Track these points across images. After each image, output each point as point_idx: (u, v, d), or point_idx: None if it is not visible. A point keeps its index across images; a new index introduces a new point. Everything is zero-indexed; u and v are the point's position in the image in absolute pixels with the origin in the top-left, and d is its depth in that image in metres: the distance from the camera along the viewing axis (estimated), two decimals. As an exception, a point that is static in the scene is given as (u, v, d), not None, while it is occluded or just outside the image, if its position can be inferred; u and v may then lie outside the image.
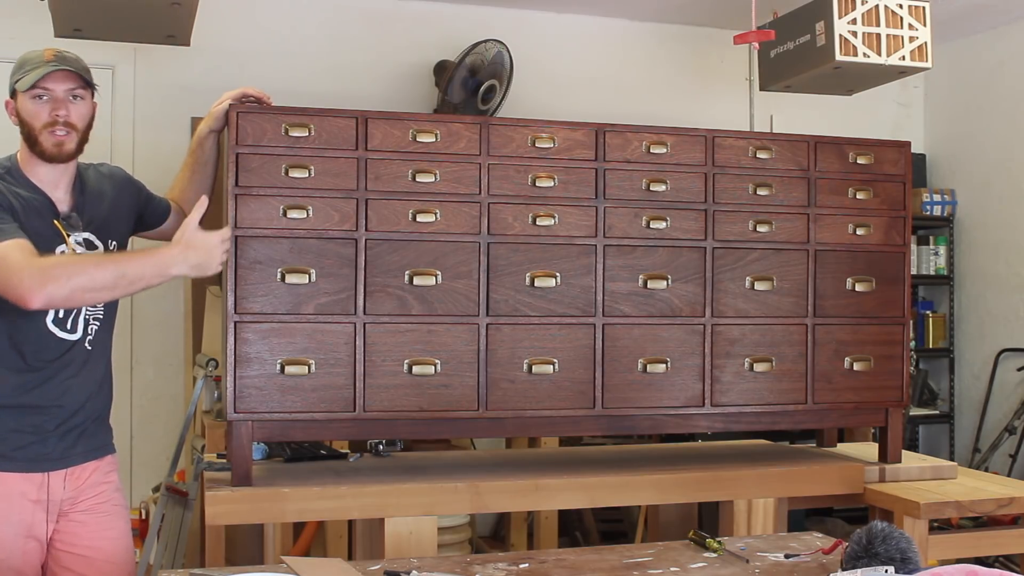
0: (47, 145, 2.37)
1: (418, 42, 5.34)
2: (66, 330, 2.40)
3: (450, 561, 2.19)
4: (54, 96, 2.37)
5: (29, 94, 2.37)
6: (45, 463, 2.40)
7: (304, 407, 2.85)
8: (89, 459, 2.50)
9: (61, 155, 2.39)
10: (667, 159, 3.16)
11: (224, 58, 5.01)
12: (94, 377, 2.50)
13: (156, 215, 2.74)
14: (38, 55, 2.40)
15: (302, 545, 4.27)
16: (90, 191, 2.52)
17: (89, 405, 2.49)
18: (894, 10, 4.11)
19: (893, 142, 3.42)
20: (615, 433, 3.33)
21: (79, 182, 2.51)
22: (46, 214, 2.40)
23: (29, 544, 2.39)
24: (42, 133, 2.37)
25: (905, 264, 3.38)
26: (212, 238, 2.42)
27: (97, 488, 2.51)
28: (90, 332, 2.46)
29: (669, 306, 3.15)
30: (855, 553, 1.96)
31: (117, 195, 2.60)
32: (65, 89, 2.38)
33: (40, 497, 2.40)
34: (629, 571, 2.08)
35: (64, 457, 2.44)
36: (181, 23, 3.41)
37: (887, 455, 3.38)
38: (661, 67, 5.78)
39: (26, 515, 2.38)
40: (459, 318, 2.97)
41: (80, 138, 2.42)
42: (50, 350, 2.39)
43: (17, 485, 2.37)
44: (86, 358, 2.46)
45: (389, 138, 2.93)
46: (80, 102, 2.42)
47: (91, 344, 2.46)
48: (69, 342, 2.42)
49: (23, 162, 2.43)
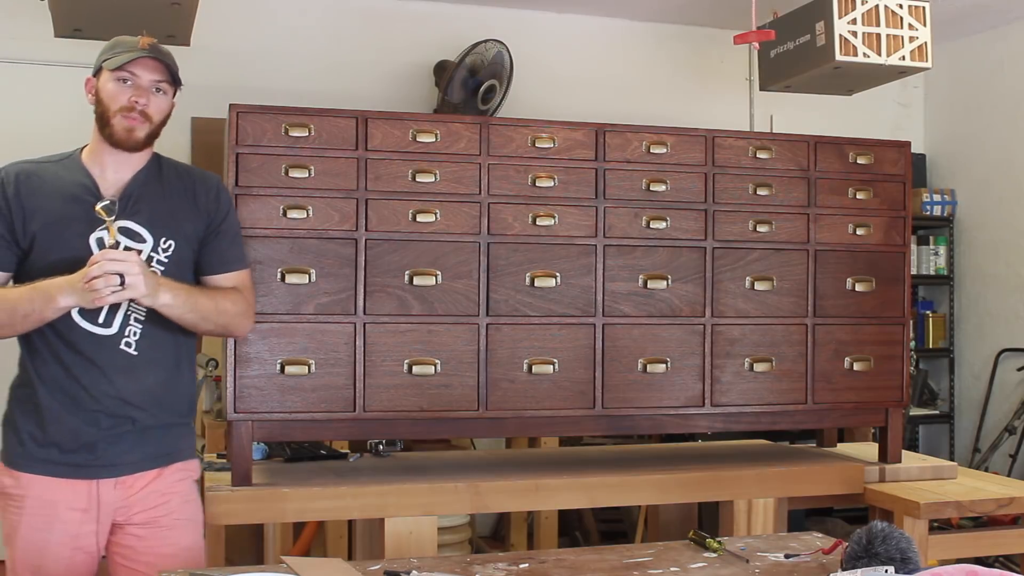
0: (118, 129, 2.30)
1: (418, 42, 5.34)
2: (96, 323, 2.29)
3: (450, 561, 2.18)
4: (138, 83, 2.31)
5: (114, 75, 2.30)
6: (94, 470, 2.30)
7: (304, 407, 2.85)
8: (146, 468, 2.36)
9: (130, 142, 2.31)
10: (667, 159, 3.16)
11: (224, 58, 5.01)
12: (150, 379, 2.35)
13: (209, 256, 2.45)
14: (132, 40, 2.34)
15: (302, 545, 4.27)
16: (152, 183, 2.39)
17: (150, 408, 2.35)
18: (894, 10, 4.11)
19: (893, 142, 3.43)
20: (615, 433, 3.33)
21: (148, 173, 2.39)
22: (87, 199, 2.30)
23: (77, 556, 2.30)
24: (115, 116, 2.30)
25: (905, 264, 3.38)
26: (84, 272, 2.21)
27: (158, 499, 2.37)
28: (131, 333, 2.32)
29: (669, 306, 3.15)
30: (855, 553, 1.96)
31: (182, 194, 2.42)
32: (151, 79, 2.32)
33: (88, 506, 2.30)
34: (629, 571, 2.07)
35: (114, 465, 2.32)
36: (181, 23, 3.42)
37: (887, 455, 3.38)
38: (661, 67, 5.78)
39: (71, 525, 2.29)
40: (459, 318, 2.97)
41: (152, 131, 2.34)
42: (82, 342, 2.29)
43: (63, 492, 2.29)
44: (131, 361, 2.32)
45: (389, 138, 2.93)
46: (162, 96, 2.35)
47: (137, 348, 2.32)
48: (101, 336, 2.30)
49: (88, 149, 2.37)
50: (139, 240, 2.35)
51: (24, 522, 2.30)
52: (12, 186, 2.31)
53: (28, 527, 2.30)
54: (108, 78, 2.32)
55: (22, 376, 2.37)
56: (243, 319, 2.48)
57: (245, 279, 2.52)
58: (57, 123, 4.83)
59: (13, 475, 2.32)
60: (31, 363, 2.33)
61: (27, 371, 2.34)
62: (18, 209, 2.30)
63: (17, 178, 2.32)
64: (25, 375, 2.36)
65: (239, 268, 2.51)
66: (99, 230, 2.30)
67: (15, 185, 2.31)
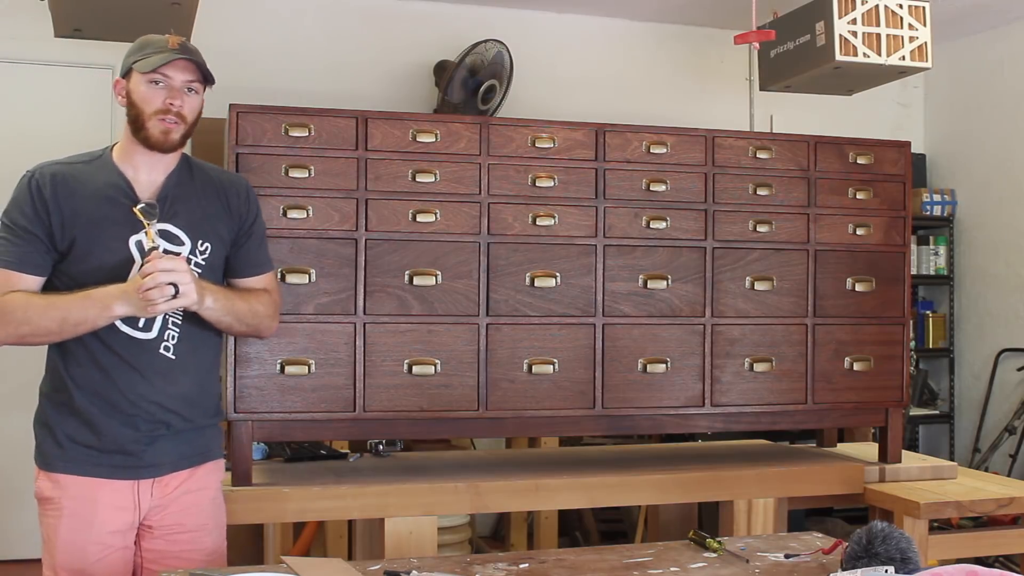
0: (154, 132, 2.28)
1: (418, 42, 5.34)
2: (137, 328, 2.29)
3: (450, 561, 2.18)
4: (171, 85, 2.29)
5: (146, 77, 2.28)
6: (135, 471, 2.31)
7: (304, 407, 2.85)
8: (181, 468, 2.38)
9: (166, 144, 2.30)
10: (667, 159, 3.16)
11: (224, 58, 4.96)
12: (186, 384, 2.35)
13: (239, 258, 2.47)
14: (161, 40, 2.32)
15: (302, 545, 4.27)
16: (185, 185, 2.39)
17: (185, 412, 2.36)
18: (894, 10, 4.11)
19: (893, 142, 3.43)
20: (615, 433, 3.33)
21: (180, 174, 2.39)
22: (123, 201, 2.29)
23: (117, 555, 2.31)
24: (151, 119, 2.28)
25: (905, 264, 3.38)
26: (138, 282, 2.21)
27: (190, 499, 2.38)
28: (169, 337, 2.32)
29: (669, 306, 3.15)
30: (855, 553, 1.96)
31: (214, 197, 2.42)
32: (184, 80, 2.31)
33: (129, 505, 2.31)
34: (629, 571, 2.07)
35: (153, 465, 2.33)
36: (181, 23, 3.42)
37: (887, 455, 3.38)
38: (661, 67, 5.78)
39: (112, 524, 2.29)
40: (459, 318, 2.97)
41: (186, 131, 2.33)
42: (122, 346, 2.29)
43: (104, 492, 2.29)
44: (169, 365, 2.33)
45: (389, 138, 2.94)
46: (194, 96, 2.34)
47: (175, 352, 2.33)
48: (141, 340, 2.30)
49: (120, 148, 2.36)
50: (177, 243, 2.34)
51: (64, 524, 2.29)
52: (49, 188, 2.28)
53: (68, 529, 2.29)
54: (140, 80, 2.29)
55: (54, 381, 2.35)
56: (272, 320, 2.52)
57: (272, 281, 2.56)
58: (57, 123, 4.85)
59: (52, 478, 2.31)
60: (64, 367, 2.31)
61: (60, 375, 2.32)
62: (56, 211, 2.26)
63: (53, 179, 2.29)
64: (58, 379, 2.33)
65: (267, 270, 2.54)
66: (139, 233, 2.29)
67: (52, 187, 2.28)
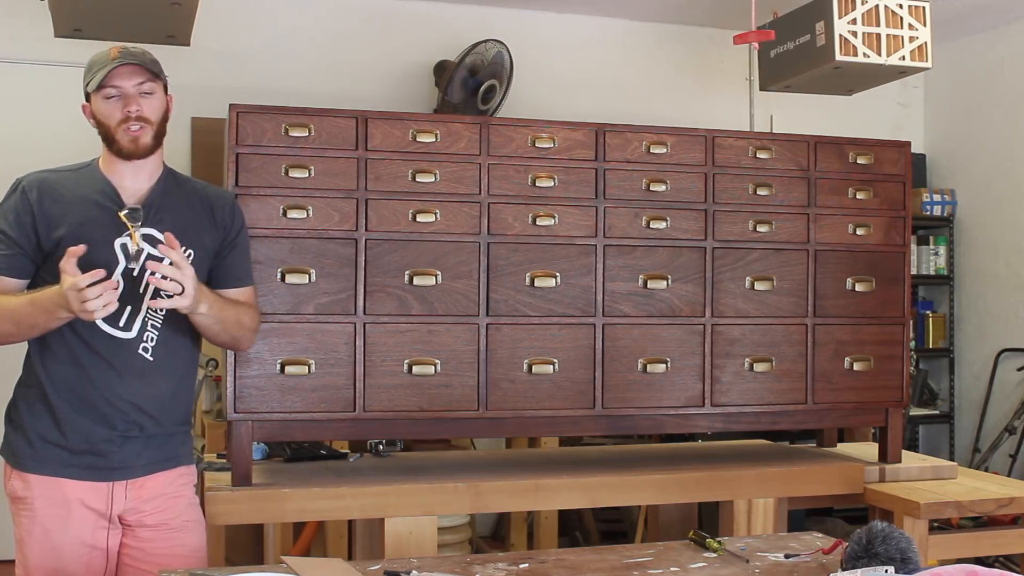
0: (124, 142, 2.34)
1: (418, 42, 5.34)
2: (117, 327, 2.32)
3: (450, 561, 2.18)
4: (124, 93, 2.34)
5: (100, 94, 2.34)
6: (106, 472, 2.33)
7: (304, 407, 2.85)
8: (153, 471, 2.39)
9: (138, 150, 2.35)
10: (667, 159, 3.16)
11: (224, 58, 5.01)
12: (162, 386, 2.38)
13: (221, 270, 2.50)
14: (104, 55, 2.37)
15: (302, 545, 4.27)
16: (171, 194, 2.44)
17: (157, 416, 2.37)
18: (894, 10, 4.10)
19: (893, 142, 3.43)
20: (615, 433, 3.33)
21: (166, 183, 2.44)
22: (110, 205, 2.35)
23: (93, 555, 2.32)
24: (118, 131, 2.34)
25: (905, 264, 3.38)
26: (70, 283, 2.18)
27: (166, 502, 2.40)
28: (148, 339, 2.35)
29: (669, 306, 3.15)
30: (855, 553, 1.96)
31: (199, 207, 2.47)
32: (134, 84, 2.35)
33: (103, 507, 2.32)
34: (629, 571, 2.07)
35: (126, 467, 2.34)
36: (181, 23, 3.42)
37: (887, 455, 3.38)
38: (661, 67, 5.78)
39: (87, 524, 2.31)
40: (459, 318, 2.97)
41: (155, 131, 2.38)
42: (101, 344, 2.31)
43: (76, 493, 2.30)
44: (146, 366, 2.35)
45: (389, 138, 2.94)
46: (151, 96, 2.38)
47: (153, 354, 2.35)
48: (120, 339, 2.33)
49: (103, 161, 2.42)
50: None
51: (37, 525, 2.30)
52: (35, 193, 2.34)
53: (42, 530, 2.30)
54: (96, 99, 2.36)
55: (28, 375, 2.37)
56: (253, 334, 2.56)
57: (252, 295, 2.58)
58: (57, 123, 4.84)
59: (23, 478, 2.32)
60: (41, 362, 2.33)
61: (35, 370, 2.34)
62: (42, 216, 2.32)
63: (40, 186, 2.35)
64: (32, 374, 2.35)
65: (249, 284, 2.56)
66: (123, 236, 2.33)
67: (38, 192, 2.34)
